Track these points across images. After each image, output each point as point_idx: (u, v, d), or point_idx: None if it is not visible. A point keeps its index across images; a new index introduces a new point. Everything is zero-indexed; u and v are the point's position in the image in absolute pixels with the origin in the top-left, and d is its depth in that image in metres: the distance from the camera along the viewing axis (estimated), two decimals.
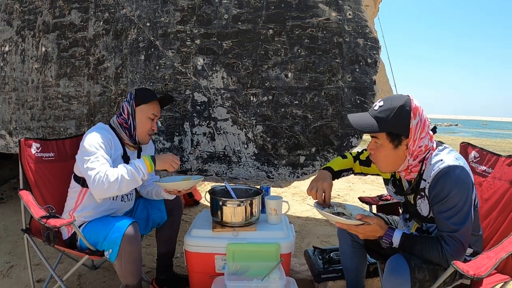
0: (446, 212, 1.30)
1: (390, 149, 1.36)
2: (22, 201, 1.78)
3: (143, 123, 1.84)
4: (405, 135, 1.33)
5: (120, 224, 1.60)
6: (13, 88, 2.93)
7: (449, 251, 1.29)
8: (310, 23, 2.08)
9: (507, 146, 14.07)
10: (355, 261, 1.73)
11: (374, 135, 1.38)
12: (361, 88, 2.03)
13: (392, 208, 1.95)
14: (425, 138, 1.35)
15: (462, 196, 1.28)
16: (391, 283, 1.30)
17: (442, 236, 1.32)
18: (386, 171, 1.46)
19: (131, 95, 1.85)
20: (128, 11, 2.41)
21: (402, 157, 1.37)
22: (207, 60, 2.25)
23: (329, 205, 1.57)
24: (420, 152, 1.36)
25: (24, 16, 2.81)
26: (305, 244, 2.83)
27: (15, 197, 3.67)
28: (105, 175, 1.58)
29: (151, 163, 1.67)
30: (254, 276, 1.62)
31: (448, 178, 1.29)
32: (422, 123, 1.33)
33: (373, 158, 1.44)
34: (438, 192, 1.31)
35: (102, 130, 1.77)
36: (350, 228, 1.39)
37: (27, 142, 1.92)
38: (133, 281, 1.66)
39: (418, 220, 1.49)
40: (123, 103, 1.87)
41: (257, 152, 2.22)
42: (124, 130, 1.83)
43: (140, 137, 1.85)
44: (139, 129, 1.83)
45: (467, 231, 1.31)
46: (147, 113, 1.84)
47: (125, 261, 1.59)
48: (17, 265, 2.40)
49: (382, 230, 1.37)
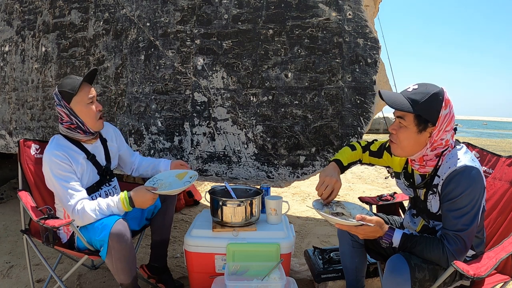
0: (456, 211, 1.30)
1: (414, 132, 1.36)
2: (21, 202, 1.78)
3: (86, 113, 1.73)
4: (432, 122, 1.33)
5: (107, 222, 1.58)
6: (13, 88, 2.93)
7: (451, 251, 1.29)
8: (310, 23, 2.08)
9: (507, 146, 14.06)
10: (355, 261, 1.73)
11: (401, 115, 1.37)
12: (361, 88, 2.03)
13: (392, 208, 1.95)
14: (448, 133, 1.36)
15: (474, 197, 1.29)
16: (391, 283, 1.30)
17: (446, 234, 1.32)
18: (400, 154, 1.44)
19: (57, 96, 1.73)
20: (128, 11, 2.41)
21: (422, 144, 1.37)
22: (207, 60, 2.25)
23: (328, 203, 1.57)
24: (440, 146, 1.36)
25: (24, 16, 2.81)
26: (305, 244, 2.83)
27: (15, 197, 3.67)
28: (83, 212, 1.61)
29: (128, 206, 1.65)
30: (254, 276, 1.62)
31: (463, 177, 1.29)
32: (451, 116, 1.34)
33: (393, 138, 1.43)
34: (451, 190, 1.31)
35: (55, 149, 1.67)
36: (350, 229, 1.39)
37: (26, 143, 1.92)
38: (126, 280, 1.63)
39: (426, 217, 1.48)
40: (57, 108, 1.76)
41: (257, 152, 2.22)
42: (75, 131, 1.75)
43: (92, 127, 1.76)
44: (87, 120, 1.74)
45: (472, 233, 1.31)
46: (83, 102, 1.72)
47: (115, 259, 1.57)
48: (17, 265, 2.40)
49: (382, 230, 1.37)
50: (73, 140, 1.76)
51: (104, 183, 1.84)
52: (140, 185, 1.76)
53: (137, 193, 1.66)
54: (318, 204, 1.56)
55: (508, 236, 1.44)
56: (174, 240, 2.84)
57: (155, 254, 2.02)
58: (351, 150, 1.73)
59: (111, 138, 1.95)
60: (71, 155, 1.70)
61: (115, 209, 1.64)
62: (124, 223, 1.59)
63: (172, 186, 1.81)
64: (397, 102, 1.35)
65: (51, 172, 1.65)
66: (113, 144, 1.95)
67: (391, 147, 1.45)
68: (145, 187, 1.68)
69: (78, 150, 1.75)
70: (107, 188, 1.85)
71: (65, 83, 1.74)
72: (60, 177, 1.64)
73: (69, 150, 1.72)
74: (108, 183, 1.86)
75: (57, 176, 1.64)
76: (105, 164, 1.86)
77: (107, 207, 1.63)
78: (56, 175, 1.64)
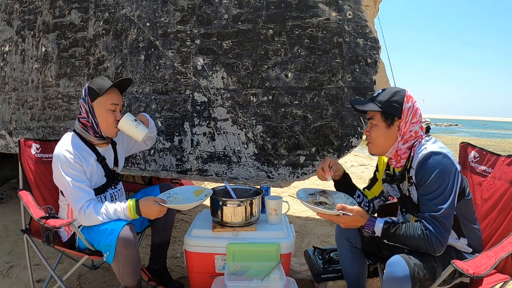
0: (428, 195, 1.37)
1: (383, 128, 1.48)
2: (22, 202, 1.78)
3: (104, 117, 1.72)
4: (398, 116, 1.46)
5: (114, 227, 1.57)
6: (13, 88, 2.93)
7: (433, 232, 1.33)
8: (310, 23, 2.08)
9: (507, 146, 14.07)
10: (355, 266, 1.74)
11: (371, 115, 1.52)
12: (361, 88, 2.03)
13: (392, 208, 1.95)
14: (416, 125, 1.47)
15: (443, 179, 1.35)
16: (392, 283, 1.31)
17: (424, 218, 1.37)
18: (376, 151, 1.56)
19: (85, 91, 1.73)
20: (128, 11, 2.41)
21: (393, 138, 1.48)
22: (207, 60, 2.25)
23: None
24: (410, 138, 1.47)
25: (24, 16, 2.81)
26: (305, 244, 2.83)
27: (15, 197, 3.67)
28: (90, 214, 1.62)
29: (135, 214, 1.64)
30: (254, 276, 1.63)
31: (429, 162, 1.37)
32: (414, 109, 1.47)
33: (367, 139, 1.56)
34: (422, 176, 1.39)
35: (68, 147, 1.67)
36: (330, 218, 1.47)
37: (27, 143, 1.92)
38: (132, 283, 1.64)
39: (414, 212, 1.52)
40: (80, 102, 1.75)
41: (257, 152, 2.22)
42: (88, 131, 1.74)
43: (106, 132, 1.75)
44: (102, 124, 1.73)
45: (449, 214, 1.35)
46: (105, 106, 1.72)
47: (122, 263, 1.57)
48: (17, 265, 2.40)
49: (363, 219, 1.42)
50: (86, 141, 1.76)
51: (110, 186, 1.84)
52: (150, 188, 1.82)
53: (145, 203, 1.65)
54: (302, 193, 1.61)
55: (507, 236, 1.44)
56: (174, 240, 2.84)
57: (155, 256, 2.02)
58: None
59: (119, 141, 1.95)
60: (83, 156, 1.70)
61: (121, 215, 1.63)
62: (131, 228, 1.60)
63: (185, 201, 1.79)
64: (364, 105, 1.52)
65: (61, 169, 1.64)
66: (121, 147, 1.96)
67: (368, 148, 1.57)
68: (153, 198, 1.67)
69: (90, 152, 1.75)
70: (113, 191, 1.85)
71: (96, 81, 1.75)
72: (70, 175, 1.64)
73: (82, 150, 1.71)
74: (114, 186, 1.87)
75: (67, 174, 1.64)
76: (113, 167, 1.87)
77: (114, 212, 1.63)
78: (66, 173, 1.64)
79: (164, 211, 1.66)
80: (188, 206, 1.72)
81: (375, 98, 1.51)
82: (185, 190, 1.87)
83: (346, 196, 1.62)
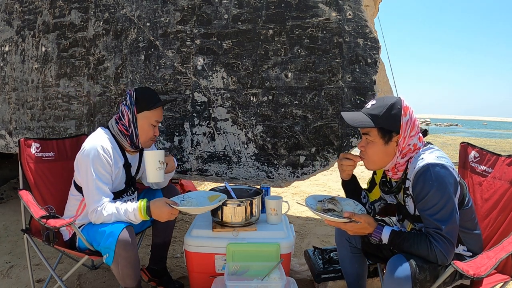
0: (429, 210, 1.33)
1: (381, 145, 1.41)
2: (22, 201, 1.78)
3: (145, 130, 1.75)
4: (396, 131, 1.38)
5: (113, 229, 1.57)
6: (13, 88, 2.93)
7: (438, 247, 1.30)
8: (310, 23, 2.08)
9: (507, 146, 14.07)
10: (355, 266, 1.74)
11: (366, 131, 1.43)
12: (361, 88, 2.03)
13: (392, 209, 1.95)
14: (414, 137, 1.40)
15: (443, 193, 1.31)
16: (392, 283, 1.30)
17: (429, 233, 1.34)
18: (373, 168, 1.50)
19: (131, 99, 1.73)
20: (128, 11, 2.41)
21: (391, 154, 1.42)
22: (207, 60, 2.25)
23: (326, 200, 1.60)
24: (409, 151, 1.41)
25: (24, 16, 2.81)
26: (305, 244, 2.83)
27: (15, 197, 3.67)
28: (101, 213, 1.61)
29: (145, 215, 1.61)
30: (254, 276, 1.63)
31: (426, 176, 1.32)
32: (412, 122, 1.39)
33: (362, 154, 1.49)
34: (420, 190, 1.34)
35: (104, 144, 1.67)
36: (338, 225, 1.44)
37: (27, 142, 1.92)
38: (132, 284, 1.64)
39: (410, 220, 1.51)
40: (122, 107, 1.75)
41: (257, 152, 2.22)
42: (125, 138, 1.74)
43: (142, 144, 1.79)
44: (141, 137, 1.75)
45: (453, 229, 1.32)
46: (150, 120, 1.74)
47: (122, 265, 1.57)
48: (17, 265, 2.40)
49: (370, 227, 1.40)
50: (119, 143, 1.76)
51: (127, 192, 1.84)
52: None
53: (156, 204, 1.62)
54: (311, 200, 1.60)
55: (508, 236, 1.44)
56: (174, 240, 2.84)
57: (155, 257, 2.03)
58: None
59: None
60: (115, 158, 1.70)
61: (131, 215, 1.61)
62: (131, 230, 1.59)
63: (198, 205, 1.76)
64: (358, 120, 1.41)
65: (91, 163, 1.62)
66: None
67: (364, 163, 1.49)
68: (164, 200, 1.64)
69: (121, 155, 1.76)
70: (128, 198, 1.86)
71: (146, 93, 1.76)
72: (97, 173, 1.63)
73: (115, 152, 1.72)
74: (131, 192, 1.88)
75: (95, 170, 1.63)
76: (134, 174, 1.87)
77: (125, 212, 1.62)
78: (95, 170, 1.62)
79: (175, 213, 1.62)
80: (200, 210, 1.69)
81: (369, 111, 1.41)
82: (199, 195, 1.86)
83: (355, 203, 1.58)
